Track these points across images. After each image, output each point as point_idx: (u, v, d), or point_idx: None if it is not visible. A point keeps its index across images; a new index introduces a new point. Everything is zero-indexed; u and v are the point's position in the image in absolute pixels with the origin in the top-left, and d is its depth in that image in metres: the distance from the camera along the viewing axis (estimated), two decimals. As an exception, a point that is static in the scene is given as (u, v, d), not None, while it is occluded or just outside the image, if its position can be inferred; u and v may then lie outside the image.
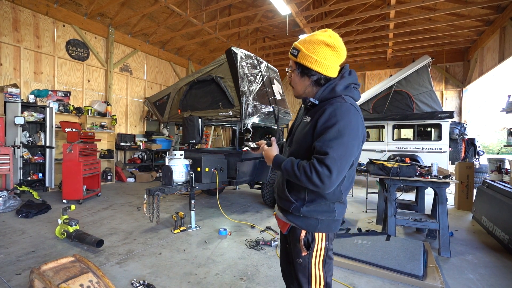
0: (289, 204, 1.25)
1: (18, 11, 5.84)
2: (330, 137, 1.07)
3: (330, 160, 1.03)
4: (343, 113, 1.09)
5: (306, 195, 1.21)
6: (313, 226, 1.22)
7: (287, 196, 1.25)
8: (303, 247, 1.22)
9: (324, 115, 1.12)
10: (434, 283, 2.29)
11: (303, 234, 1.23)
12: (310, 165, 1.07)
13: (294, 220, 1.25)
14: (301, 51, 1.19)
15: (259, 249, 3.08)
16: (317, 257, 1.23)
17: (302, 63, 1.20)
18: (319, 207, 1.21)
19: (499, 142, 20.18)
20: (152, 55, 9.15)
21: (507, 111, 4.75)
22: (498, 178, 5.27)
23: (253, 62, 4.91)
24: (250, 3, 7.85)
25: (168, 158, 3.89)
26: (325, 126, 1.10)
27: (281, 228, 1.35)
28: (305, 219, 1.22)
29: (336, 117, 1.09)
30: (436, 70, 9.35)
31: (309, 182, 1.06)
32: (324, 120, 1.11)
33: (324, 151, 1.06)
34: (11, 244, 3.09)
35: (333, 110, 1.10)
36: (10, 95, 5.28)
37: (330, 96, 1.19)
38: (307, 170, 1.06)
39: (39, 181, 5.85)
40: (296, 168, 1.10)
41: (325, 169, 1.03)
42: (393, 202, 3.22)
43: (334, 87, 1.18)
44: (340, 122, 1.08)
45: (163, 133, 8.85)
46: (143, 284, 2.27)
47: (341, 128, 1.07)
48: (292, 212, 1.24)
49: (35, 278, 1.74)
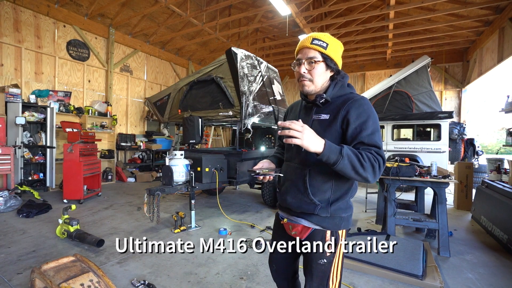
0: (313, 206, 1.21)
1: (19, 11, 5.85)
2: (373, 130, 1.11)
3: (382, 153, 1.09)
4: (370, 107, 1.16)
5: (332, 194, 1.20)
6: (338, 224, 1.22)
7: (311, 199, 1.20)
8: (331, 247, 1.21)
9: (353, 111, 1.14)
10: (433, 283, 2.30)
11: (328, 234, 1.22)
12: (373, 155, 1.07)
13: (320, 222, 1.22)
14: (330, 45, 1.19)
15: (259, 248, 3.08)
16: (338, 254, 1.23)
17: (330, 55, 1.19)
18: (342, 205, 1.21)
19: (498, 142, 20.20)
20: (153, 55, 9.17)
21: (506, 111, 4.77)
22: (497, 178, 5.29)
23: (253, 63, 4.93)
24: (250, 4, 7.87)
25: (168, 158, 3.90)
26: (361, 120, 1.12)
27: (299, 234, 1.27)
28: (332, 219, 1.21)
29: (366, 112, 1.14)
30: (435, 70, 9.37)
31: (372, 170, 1.05)
32: (356, 115, 1.13)
33: (376, 143, 1.10)
34: (12, 243, 3.11)
35: (360, 105, 1.15)
36: (11, 95, 5.29)
37: (341, 93, 1.22)
38: (372, 159, 1.05)
39: (40, 181, 5.86)
40: (361, 156, 1.05)
41: (381, 160, 1.07)
42: (393, 202, 3.23)
43: (344, 84, 1.24)
44: (371, 115, 1.14)
45: (164, 133, 8.87)
46: (144, 283, 2.28)
47: (374, 121, 1.14)
48: (318, 214, 1.20)
49: (36, 278, 1.75)
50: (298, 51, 1.24)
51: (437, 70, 9.38)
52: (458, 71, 9.18)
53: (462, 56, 9.06)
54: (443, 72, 9.32)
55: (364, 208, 4.91)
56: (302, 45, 1.22)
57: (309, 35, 1.22)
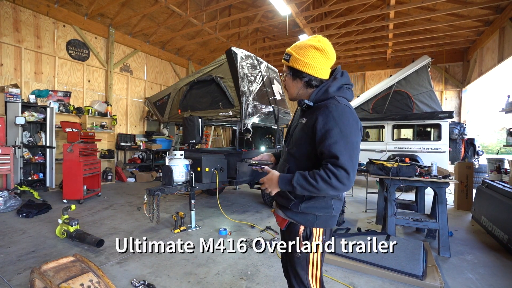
0: (288, 201, 1.28)
1: (18, 11, 5.85)
2: (336, 139, 1.09)
3: (343, 162, 1.06)
4: (340, 114, 1.13)
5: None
6: (311, 221, 1.26)
7: (287, 194, 1.28)
8: (302, 242, 1.27)
9: (320, 119, 1.14)
10: (433, 283, 2.30)
11: (301, 229, 1.28)
12: (325, 171, 1.08)
13: (293, 216, 1.29)
14: (292, 55, 1.25)
15: (259, 248, 3.08)
16: (314, 251, 1.27)
17: (293, 66, 1.26)
18: (317, 204, 1.24)
19: (498, 142, 20.20)
20: (152, 55, 9.16)
21: (507, 111, 4.76)
22: (498, 178, 5.28)
23: (253, 62, 4.92)
24: (250, 4, 7.86)
25: (168, 158, 3.90)
26: (326, 129, 1.12)
27: (280, 224, 1.40)
28: (304, 215, 1.27)
29: (334, 120, 1.12)
30: (435, 70, 9.37)
31: (329, 187, 1.07)
32: (322, 124, 1.13)
33: (334, 154, 1.08)
34: (11, 243, 3.10)
35: (329, 113, 1.13)
36: (10, 95, 5.29)
37: (324, 98, 1.23)
38: (324, 176, 1.07)
39: (39, 181, 5.86)
40: (311, 178, 1.10)
41: (342, 171, 1.06)
42: (393, 202, 3.23)
43: (327, 89, 1.23)
44: (339, 123, 1.11)
45: (163, 133, 8.86)
46: (144, 283, 2.28)
47: (343, 128, 1.10)
48: (291, 208, 1.28)
49: (36, 278, 1.75)
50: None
51: (437, 70, 9.38)
52: (458, 71, 9.18)
53: (462, 56, 9.06)
54: (443, 72, 9.32)
55: (364, 208, 4.90)
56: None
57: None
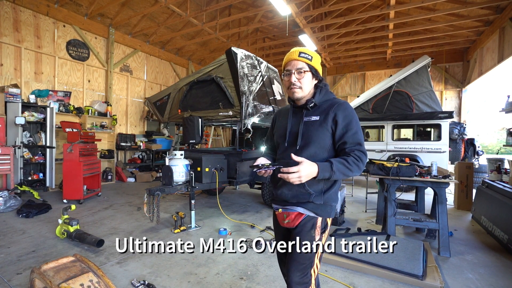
0: (308, 195, 1.34)
1: (18, 11, 5.85)
2: (356, 129, 1.33)
3: (363, 147, 1.33)
4: (352, 110, 1.38)
5: (324, 185, 1.35)
6: (328, 212, 1.37)
7: (307, 189, 1.34)
8: (319, 233, 1.35)
9: (340, 113, 1.34)
10: (433, 283, 2.30)
11: (319, 220, 1.35)
12: (355, 156, 1.28)
13: (315, 209, 1.35)
14: (314, 58, 1.40)
15: (259, 248, 3.08)
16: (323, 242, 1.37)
17: (315, 66, 1.40)
18: (333, 194, 1.38)
19: (498, 142, 20.20)
20: (152, 55, 9.16)
21: (507, 111, 4.76)
22: (498, 178, 5.28)
23: (253, 62, 4.92)
24: (250, 4, 7.86)
25: (168, 158, 3.90)
26: (346, 122, 1.33)
27: (291, 222, 1.38)
28: (325, 206, 1.36)
29: (351, 114, 1.35)
30: (435, 70, 9.37)
31: (357, 168, 1.27)
32: (342, 118, 1.34)
33: (358, 141, 1.32)
34: (11, 243, 3.10)
35: (345, 109, 1.35)
36: (10, 95, 5.29)
37: (326, 98, 1.42)
38: (356, 160, 1.27)
39: (39, 181, 5.86)
40: (346, 163, 1.26)
41: (363, 154, 1.30)
42: (393, 202, 3.23)
43: (327, 91, 1.45)
44: (354, 116, 1.36)
45: (163, 133, 8.87)
46: (143, 283, 2.28)
47: (357, 122, 1.35)
48: (313, 201, 1.34)
49: (36, 278, 1.75)
50: (286, 63, 1.41)
51: (437, 70, 9.38)
52: (458, 71, 9.18)
53: (462, 56, 9.06)
54: (443, 72, 9.32)
55: (364, 208, 4.90)
56: (291, 58, 1.39)
57: (294, 49, 1.40)
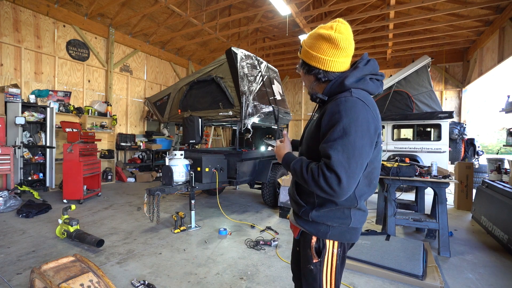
0: (299, 207, 1.18)
1: (18, 11, 5.85)
2: (334, 137, 0.96)
3: (336, 164, 0.92)
4: (348, 109, 0.97)
5: (316, 199, 1.13)
6: (323, 232, 1.12)
7: (297, 198, 1.19)
8: (314, 254, 1.14)
9: (326, 113, 1.02)
10: (433, 283, 2.30)
11: (314, 240, 1.15)
12: (318, 169, 0.96)
13: (304, 225, 1.18)
14: (303, 47, 1.15)
15: (259, 249, 3.09)
16: (328, 265, 1.14)
17: (303, 59, 1.16)
18: (330, 213, 1.12)
19: (498, 142, 20.21)
20: (152, 55, 9.16)
21: (507, 111, 4.76)
22: (498, 178, 5.27)
23: (253, 62, 4.92)
24: (250, 4, 7.86)
25: (168, 158, 3.90)
26: (329, 125, 0.99)
27: (293, 232, 1.30)
28: (315, 224, 1.14)
29: (339, 114, 0.97)
30: (435, 70, 9.36)
31: (317, 187, 0.97)
32: (327, 118, 1.01)
33: (328, 153, 0.95)
34: (11, 243, 3.10)
35: (335, 107, 1.00)
36: (10, 95, 5.29)
37: (339, 90, 1.08)
38: (315, 173, 0.96)
39: (39, 181, 5.86)
40: (305, 169, 1.01)
41: (333, 175, 0.92)
42: (393, 202, 3.23)
43: (343, 80, 1.07)
44: (344, 119, 0.96)
45: (163, 133, 8.86)
46: (143, 283, 2.28)
47: (346, 125, 0.95)
48: (302, 216, 1.17)
49: (36, 278, 1.75)
50: None
51: (437, 70, 9.37)
52: (458, 71, 9.17)
53: (462, 56, 9.05)
54: (443, 72, 9.31)
55: (364, 208, 4.90)
56: None
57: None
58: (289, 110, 6.16)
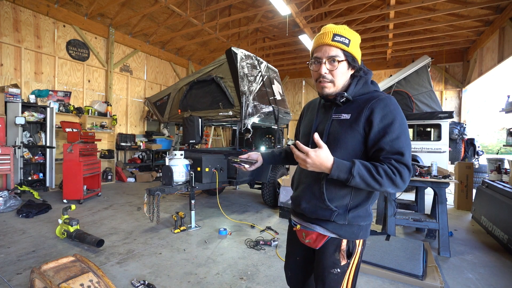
0: (329, 212, 1.11)
1: (18, 11, 5.85)
2: (398, 134, 1.01)
3: (407, 159, 1.00)
4: (396, 107, 1.05)
5: (350, 201, 1.10)
6: (356, 233, 1.13)
7: (327, 205, 1.10)
8: (344, 257, 1.13)
9: (377, 112, 1.04)
10: (433, 283, 2.30)
11: (344, 243, 1.12)
12: (390, 167, 0.98)
13: (337, 230, 1.12)
14: (352, 41, 1.09)
15: (259, 249, 3.09)
16: (353, 265, 1.15)
17: (353, 53, 1.10)
18: (361, 212, 1.12)
19: (498, 142, 20.21)
20: (152, 55, 9.16)
21: (507, 111, 4.76)
22: (498, 178, 5.28)
23: (253, 62, 4.92)
24: (250, 4, 7.86)
25: (168, 158, 3.90)
26: (385, 123, 1.03)
27: (313, 242, 1.18)
28: (350, 227, 1.12)
29: (392, 113, 1.03)
30: (435, 70, 9.36)
31: (392, 184, 0.97)
32: (380, 117, 1.03)
33: (399, 150, 1.00)
34: (11, 243, 3.10)
35: (386, 106, 1.04)
36: (10, 95, 5.29)
37: (364, 92, 1.12)
38: (389, 172, 0.97)
39: (39, 181, 5.86)
40: (375, 172, 0.97)
41: (405, 169, 0.98)
42: (393, 202, 3.23)
43: (366, 82, 1.14)
44: (398, 117, 1.03)
45: (163, 133, 8.87)
46: (143, 283, 2.28)
47: (401, 123, 1.03)
48: (335, 221, 1.11)
49: (36, 278, 1.75)
50: (315, 49, 1.12)
51: (437, 70, 9.37)
52: (458, 71, 9.17)
53: (462, 56, 9.05)
54: (443, 72, 9.31)
55: (364, 208, 4.89)
56: (322, 42, 1.09)
57: (327, 29, 1.09)
58: (289, 110, 6.16)
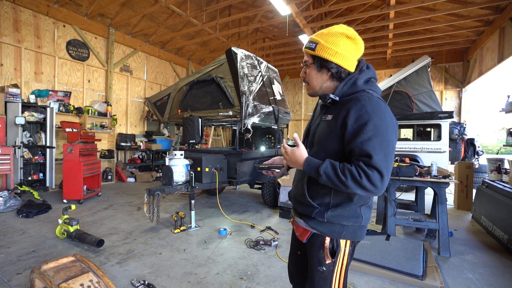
0: (311, 209, 1.15)
1: (18, 11, 5.85)
2: (370, 135, 0.98)
3: (378, 162, 0.96)
4: (375, 108, 1.02)
5: (331, 199, 1.12)
6: (338, 232, 1.13)
7: (308, 201, 1.15)
8: (328, 255, 1.14)
9: (352, 113, 1.03)
10: (433, 283, 2.30)
11: (327, 241, 1.14)
12: (357, 169, 0.97)
13: (317, 227, 1.15)
14: (319, 44, 1.12)
15: (259, 249, 3.09)
16: (339, 265, 1.16)
17: (321, 55, 1.12)
18: (345, 212, 1.12)
19: (498, 142, 20.21)
20: (152, 55, 9.16)
21: (507, 111, 4.76)
22: (498, 178, 5.28)
23: (253, 62, 4.92)
24: (250, 4, 7.86)
25: (168, 158, 3.90)
26: (359, 124, 1.01)
27: (300, 235, 1.23)
28: (330, 225, 1.13)
29: (368, 114, 1.00)
30: (435, 70, 9.36)
31: (358, 187, 0.97)
32: (354, 118, 1.02)
33: (368, 152, 0.97)
34: (11, 243, 3.10)
35: (362, 106, 1.02)
36: (10, 95, 5.29)
37: (352, 91, 1.11)
38: (355, 174, 0.96)
39: (39, 181, 5.86)
40: (340, 172, 0.98)
41: (375, 172, 0.95)
42: (393, 202, 3.23)
43: (355, 81, 1.11)
44: (374, 118, 1.00)
45: (163, 133, 8.87)
46: (143, 283, 2.28)
47: (377, 124, 0.99)
48: (315, 217, 1.15)
49: (36, 278, 1.75)
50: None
51: (437, 70, 9.37)
52: (458, 71, 9.17)
53: (462, 56, 9.05)
54: (443, 72, 9.31)
55: (364, 208, 4.90)
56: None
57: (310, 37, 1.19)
58: (289, 110, 6.16)
